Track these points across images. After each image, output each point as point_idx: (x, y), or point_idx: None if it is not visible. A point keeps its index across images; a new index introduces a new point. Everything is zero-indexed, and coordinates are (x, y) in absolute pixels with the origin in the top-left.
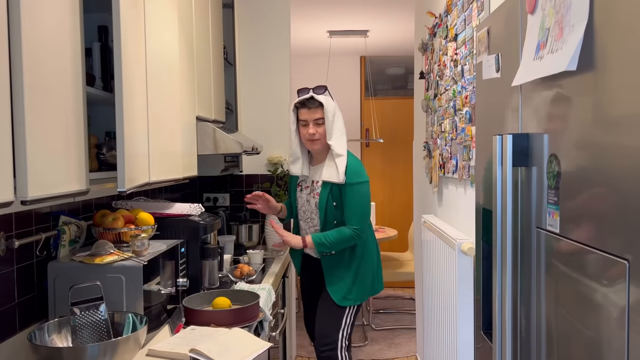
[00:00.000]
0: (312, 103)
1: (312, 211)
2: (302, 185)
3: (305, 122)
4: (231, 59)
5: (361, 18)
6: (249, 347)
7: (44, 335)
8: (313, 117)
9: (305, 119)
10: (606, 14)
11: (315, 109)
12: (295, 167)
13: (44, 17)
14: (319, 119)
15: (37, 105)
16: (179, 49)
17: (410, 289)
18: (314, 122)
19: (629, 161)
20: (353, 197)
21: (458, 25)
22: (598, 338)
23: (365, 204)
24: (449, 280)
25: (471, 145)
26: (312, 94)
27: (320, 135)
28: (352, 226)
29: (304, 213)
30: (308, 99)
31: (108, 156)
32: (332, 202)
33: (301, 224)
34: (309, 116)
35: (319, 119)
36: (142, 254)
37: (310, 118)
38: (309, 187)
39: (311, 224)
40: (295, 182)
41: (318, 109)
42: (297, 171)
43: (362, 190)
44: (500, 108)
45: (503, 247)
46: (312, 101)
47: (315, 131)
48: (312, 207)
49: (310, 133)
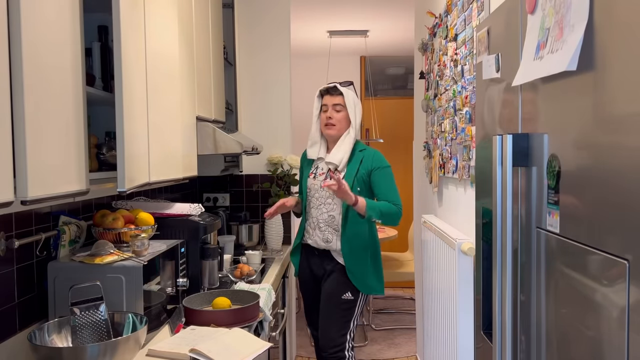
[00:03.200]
0: (334, 90)
1: (327, 196)
2: (316, 172)
3: (325, 107)
4: (231, 59)
5: (361, 18)
6: (249, 347)
7: (44, 335)
8: (333, 102)
9: (326, 103)
10: (606, 14)
11: (336, 95)
12: (313, 151)
13: (44, 17)
14: (337, 104)
15: (37, 105)
16: (179, 49)
17: (410, 289)
18: (333, 107)
19: (629, 161)
20: (388, 178)
21: (458, 25)
22: (598, 338)
23: (396, 185)
24: (449, 280)
25: (471, 145)
26: (336, 83)
27: (336, 121)
28: (395, 203)
29: (317, 199)
30: (332, 87)
31: (108, 156)
32: (356, 187)
33: (312, 211)
34: (330, 101)
35: (337, 105)
36: (142, 254)
37: (330, 103)
38: (324, 174)
39: (324, 210)
40: (306, 169)
41: (339, 96)
42: (313, 154)
43: (391, 173)
44: (500, 108)
45: (503, 247)
46: (334, 89)
47: (332, 115)
48: (328, 193)
49: (327, 117)
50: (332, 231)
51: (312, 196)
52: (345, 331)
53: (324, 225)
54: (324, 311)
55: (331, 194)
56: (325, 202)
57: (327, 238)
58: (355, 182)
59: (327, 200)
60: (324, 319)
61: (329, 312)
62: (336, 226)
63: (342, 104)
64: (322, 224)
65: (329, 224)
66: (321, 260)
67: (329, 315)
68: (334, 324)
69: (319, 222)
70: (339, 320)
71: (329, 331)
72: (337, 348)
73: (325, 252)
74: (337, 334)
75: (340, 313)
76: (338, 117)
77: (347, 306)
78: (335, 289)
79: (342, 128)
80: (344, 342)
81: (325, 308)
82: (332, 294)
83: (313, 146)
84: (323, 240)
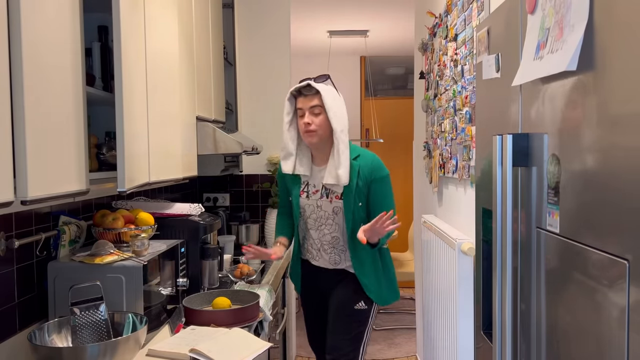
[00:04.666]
0: (308, 90)
1: (328, 217)
2: (309, 191)
3: (301, 112)
4: (231, 59)
5: (361, 18)
6: (249, 347)
7: (44, 335)
8: (309, 104)
9: (301, 107)
10: (606, 14)
11: (312, 96)
12: (287, 165)
13: (44, 17)
14: (315, 106)
15: (37, 105)
16: (179, 49)
17: (410, 289)
18: (310, 111)
19: (629, 161)
20: (387, 189)
21: (458, 25)
22: (598, 338)
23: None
24: (449, 280)
25: (471, 145)
26: (310, 81)
27: (317, 126)
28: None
29: (314, 221)
30: (305, 86)
31: (108, 156)
32: (358, 203)
33: (311, 232)
34: (305, 104)
35: (315, 107)
36: (142, 254)
37: (306, 106)
38: (319, 192)
39: (326, 231)
40: (292, 186)
41: (315, 96)
42: (288, 169)
43: (389, 181)
44: (500, 108)
45: (503, 247)
46: (309, 88)
47: (310, 120)
48: (328, 213)
49: (305, 123)
50: (339, 252)
51: (309, 217)
52: (358, 344)
53: (329, 247)
54: (334, 323)
55: (332, 214)
56: (326, 223)
57: (335, 260)
58: (356, 198)
59: (327, 222)
60: (334, 332)
61: (340, 325)
62: (342, 247)
63: (320, 104)
64: (326, 246)
65: (334, 246)
66: (330, 274)
67: (340, 327)
68: (346, 337)
69: (323, 244)
70: (352, 333)
71: (340, 345)
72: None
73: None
74: (349, 348)
75: (353, 325)
76: (318, 121)
77: (360, 317)
78: (347, 298)
79: (324, 134)
80: (357, 356)
81: (335, 320)
82: (344, 304)
83: (287, 159)
84: (331, 262)
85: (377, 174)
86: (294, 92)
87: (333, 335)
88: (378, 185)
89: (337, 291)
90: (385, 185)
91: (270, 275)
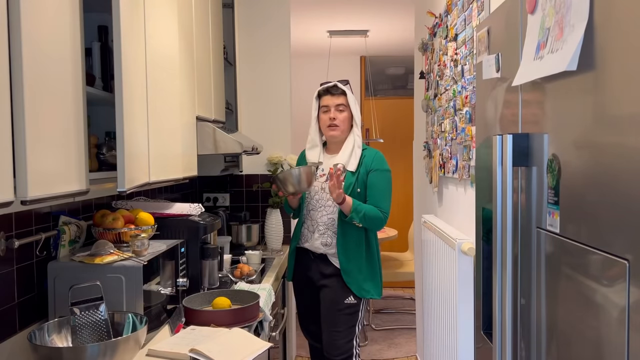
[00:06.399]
0: (335, 90)
1: (328, 198)
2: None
3: (327, 108)
4: (231, 59)
5: (361, 18)
6: (249, 347)
7: (43, 335)
8: (335, 102)
9: (327, 104)
10: (606, 14)
11: (338, 95)
12: (313, 154)
13: (44, 17)
14: (340, 104)
15: (37, 105)
16: (179, 49)
17: (410, 289)
18: (336, 108)
19: (629, 161)
20: (382, 182)
21: (458, 25)
22: (598, 338)
23: (390, 191)
24: (449, 280)
25: (471, 145)
26: (337, 83)
27: (340, 122)
28: (382, 210)
29: (317, 201)
30: (332, 86)
31: (108, 156)
32: (356, 189)
33: (311, 213)
34: (332, 101)
35: (340, 105)
36: (142, 254)
37: (333, 103)
38: (325, 176)
39: (324, 212)
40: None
41: (341, 95)
42: (314, 158)
43: (389, 177)
44: (500, 108)
45: (503, 247)
46: (335, 88)
47: (335, 116)
48: (329, 195)
49: (330, 118)
50: (332, 234)
51: (312, 198)
52: (351, 337)
53: (323, 228)
54: (327, 319)
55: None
56: (326, 205)
57: (326, 242)
58: (356, 184)
59: (327, 203)
60: (328, 328)
61: (333, 320)
62: (335, 229)
63: (345, 103)
64: (321, 227)
65: (328, 227)
66: (317, 264)
67: (333, 323)
68: (340, 332)
69: (319, 224)
70: (344, 327)
71: (335, 340)
72: (345, 355)
73: (322, 256)
74: (344, 341)
75: (344, 319)
76: (341, 117)
77: (350, 311)
78: (337, 294)
79: (345, 129)
80: (351, 347)
81: (328, 316)
82: (334, 300)
83: (313, 149)
84: (322, 243)
85: (378, 165)
86: (321, 91)
87: (327, 330)
88: (376, 176)
89: (327, 287)
90: (383, 178)
91: (270, 276)
